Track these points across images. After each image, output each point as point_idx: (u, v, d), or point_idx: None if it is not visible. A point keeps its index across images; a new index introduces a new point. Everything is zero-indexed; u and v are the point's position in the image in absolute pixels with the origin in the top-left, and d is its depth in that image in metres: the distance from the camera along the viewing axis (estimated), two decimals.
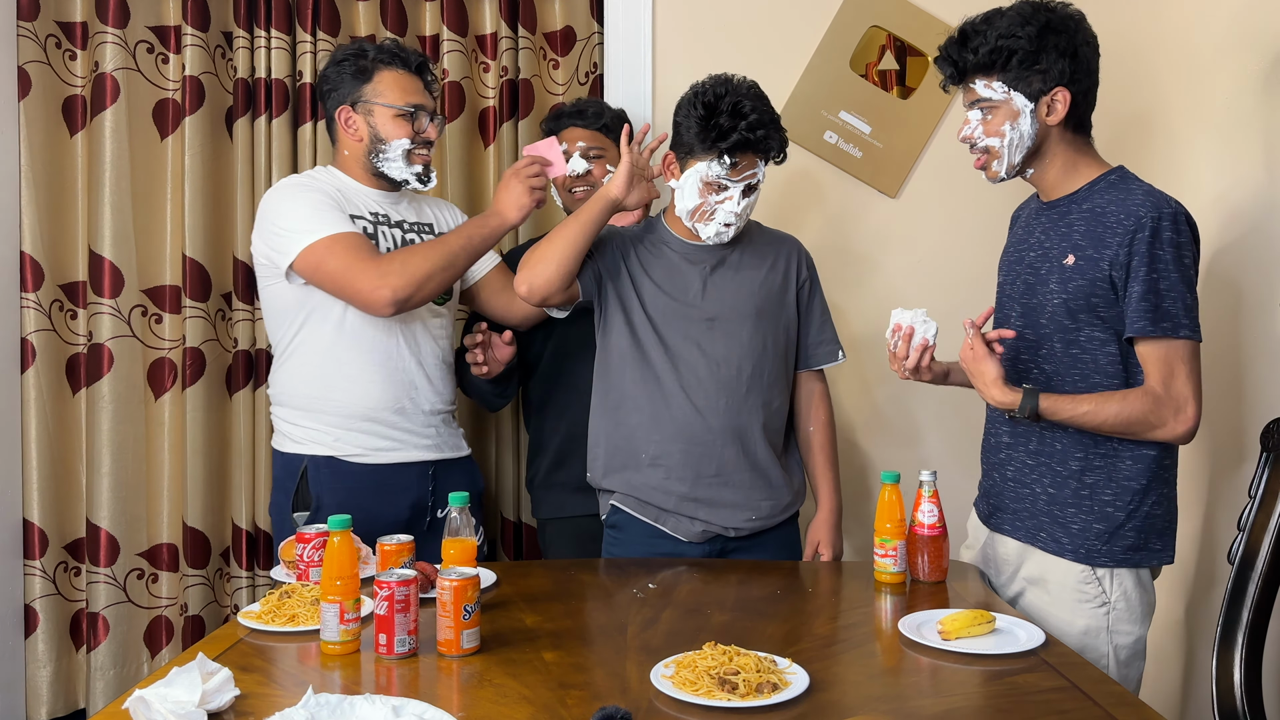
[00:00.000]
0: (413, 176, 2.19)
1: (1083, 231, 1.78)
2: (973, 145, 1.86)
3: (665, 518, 2.11)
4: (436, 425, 2.23)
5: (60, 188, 2.71)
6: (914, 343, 1.88)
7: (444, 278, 2.08)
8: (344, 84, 2.17)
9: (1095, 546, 1.78)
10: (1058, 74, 1.76)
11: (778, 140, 2.06)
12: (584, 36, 2.77)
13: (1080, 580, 1.79)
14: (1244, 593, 1.79)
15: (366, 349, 2.13)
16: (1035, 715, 1.31)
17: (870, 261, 2.76)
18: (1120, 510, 1.77)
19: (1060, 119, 1.78)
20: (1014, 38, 1.75)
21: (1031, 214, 1.94)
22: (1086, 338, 1.78)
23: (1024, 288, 1.88)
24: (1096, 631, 1.78)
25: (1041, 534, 1.83)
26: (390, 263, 2.04)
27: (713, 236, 2.08)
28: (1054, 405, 1.73)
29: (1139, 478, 1.77)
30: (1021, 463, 1.87)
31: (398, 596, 1.48)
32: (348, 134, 2.18)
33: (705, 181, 2.04)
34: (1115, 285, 1.73)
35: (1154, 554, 1.80)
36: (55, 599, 2.70)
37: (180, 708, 1.24)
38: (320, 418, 2.15)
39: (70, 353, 2.72)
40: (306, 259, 2.04)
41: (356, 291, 2.03)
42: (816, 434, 2.21)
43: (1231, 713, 1.73)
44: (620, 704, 1.27)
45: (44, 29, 2.67)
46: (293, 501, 2.15)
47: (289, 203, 2.11)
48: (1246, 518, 1.83)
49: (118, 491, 2.68)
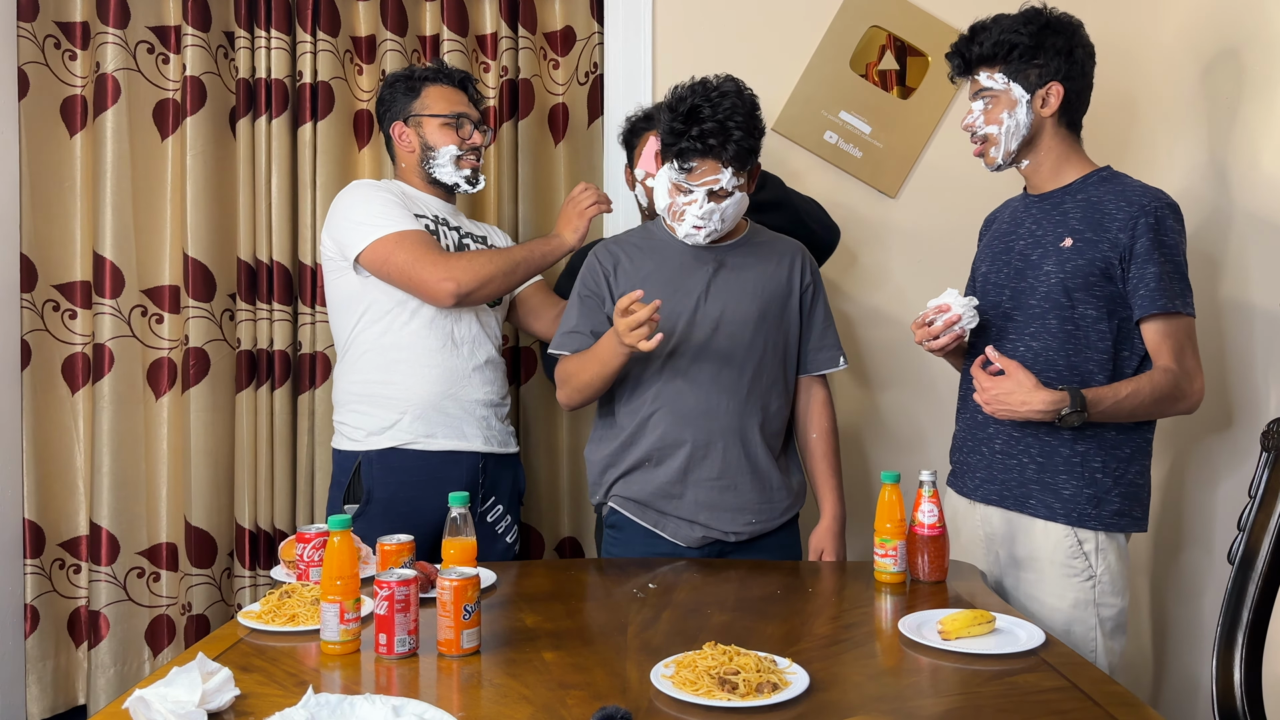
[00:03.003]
0: (462, 180, 2.35)
1: (1080, 218, 1.91)
2: (974, 133, 2.00)
3: (665, 522, 2.11)
4: (488, 418, 2.32)
5: (58, 188, 2.72)
6: (953, 329, 1.96)
7: (505, 282, 2.25)
8: (396, 102, 2.35)
9: (1086, 511, 1.89)
10: (1054, 69, 1.92)
11: (735, 149, 1.97)
12: (584, 36, 2.77)
13: (1068, 555, 1.89)
14: (1244, 593, 1.79)
15: (421, 341, 2.26)
16: (1035, 715, 1.31)
17: (870, 261, 2.76)
18: (1108, 477, 1.89)
19: (1054, 111, 1.93)
20: (1016, 33, 1.92)
21: (1017, 209, 2.07)
22: (1081, 315, 1.90)
23: (1013, 273, 1.99)
24: (1085, 604, 1.89)
25: (1031, 501, 1.93)
26: (458, 260, 2.20)
27: (684, 237, 2.08)
28: (1097, 395, 1.82)
29: (1124, 446, 1.90)
30: (1009, 435, 1.96)
31: (398, 596, 1.48)
32: (401, 146, 2.35)
33: (672, 183, 2.05)
34: (1112, 267, 1.86)
35: (1135, 521, 1.92)
36: (52, 596, 2.71)
37: (180, 708, 1.24)
38: (380, 403, 2.25)
39: (66, 353, 2.72)
40: (376, 250, 2.19)
41: (423, 281, 2.17)
42: (819, 441, 2.20)
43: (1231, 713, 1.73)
44: (620, 704, 1.27)
45: (43, 30, 2.67)
46: (345, 495, 2.25)
47: (361, 200, 2.25)
48: (1246, 518, 1.83)
49: (118, 491, 2.69)
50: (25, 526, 2.67)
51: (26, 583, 2.67)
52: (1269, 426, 1.84)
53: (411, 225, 2.21)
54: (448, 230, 2.32)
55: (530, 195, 2.76)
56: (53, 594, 2.71)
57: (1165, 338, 1.85)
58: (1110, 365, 1.89)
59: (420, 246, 2.18)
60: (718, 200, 2.03)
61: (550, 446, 2.80)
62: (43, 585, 2.70)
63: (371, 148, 2.76)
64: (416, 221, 2.23)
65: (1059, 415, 1.80)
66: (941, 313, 1.95)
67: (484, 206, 2.79)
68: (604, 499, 2.17)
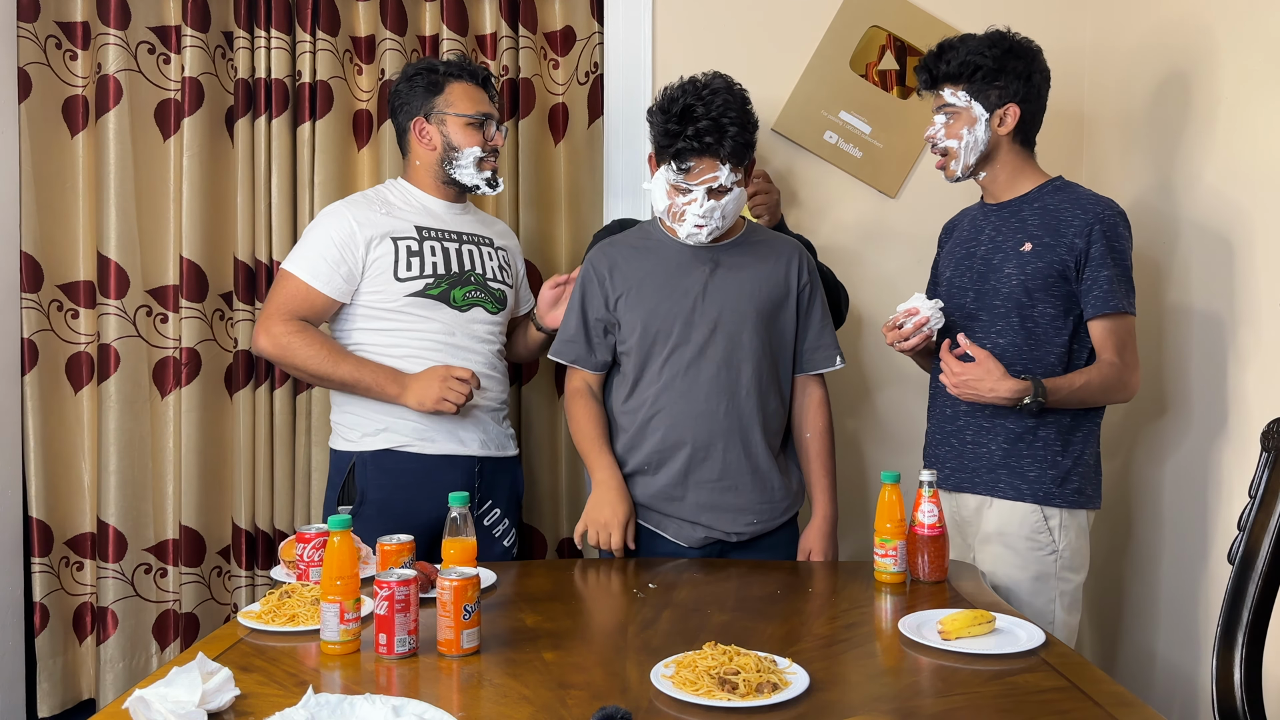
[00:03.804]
0: (483, 182, 2.32)
1: (1037, 224, 2.06)
2: (934, 145, 2.13)
3: (666, 523, 2.11)
4: (485, 421, 2.30)
5: (60, 188, 2.71)
6: (921, 330, 2.08)
7: (309, 379, 2.30)
8: (416, 97, 2.29)
9: (1051, 490, 2.04)
10: (1012, 92, 2.06)
11: (731, 143, 1.99)
12: (584, 36, 2.77)
13: (1034, 529, 2.04)
14: (1244, 593, 1.79)
15: (419, 342, 2.23)
16: (1035, 715, 1.31)
17: (870, 261, 2.76)
18: (1068, 458, 2.05)
19: (1009, 130, 2.07)
20: (981, 55, 2.05)
21: (976, 217, 2.20)
22: (1040, 314, 2.05)
23: (976, 276, 2.13)
24: (1046, 578, 2.04)
25: (1000, 484, 2.08)
26: (290, 333, 2.19)
27: (686, 237, 2.08)
28: (1055, 385, 1.99)
29: (1077, 430, 2.07)
30: (979, 426, 2.11)
31: (398, 596, 1.48)
32: (422, 144, 2.30)
33: (670, 184, 2.05)
34: (1069, 270, 2.02)
35: (1090, 499, 2.08)
36: (59, 594, 2.72)
37: (180, 708, 1.24)
38: (376, 404, 2.22)
39: (70, 352, 2.73)
40: (280, 271, 2.26)
41: (259, 319, 2.24)
42: (814, 441, 2.20)
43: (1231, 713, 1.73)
44: (620, 704, 1.27)
45: (44, 30, 2.67)
46: (339, 495, 2.23)
47: (315, 228, 2.27)
48: (1246, 518, 1.83)
49: (125, 489, 2.70)
50: (34, 525, 2.67)
51: (36, 581, 2.68)
52: (1269, 426, 1.84)
53: (317, 282, 2.19)
54: (435, 243, 2.27)
55: (530, 195, 2.76)
56: (60, 592, 2.72)
57: (1110, 335, 2.02)
58: (1066, 358, 2.06)
59: (288, 298, 2.20)
60: (717, 198, 2.03)
61: (551, 447, 2.80)
62: (51, 583, 2.70)
63: (371, 148, 2.76)
64: (333, 275, 2.19)
65: (1021, 402, 1.97)
66: (910, 316, 2.08)
67: (483, 206, 2.78)
68: None
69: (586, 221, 2.78)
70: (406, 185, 2.34)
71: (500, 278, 2.36)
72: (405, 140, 2.34)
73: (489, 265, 2.34)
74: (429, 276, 2.24)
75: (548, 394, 2.80)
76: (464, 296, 2.27)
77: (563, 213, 2.78)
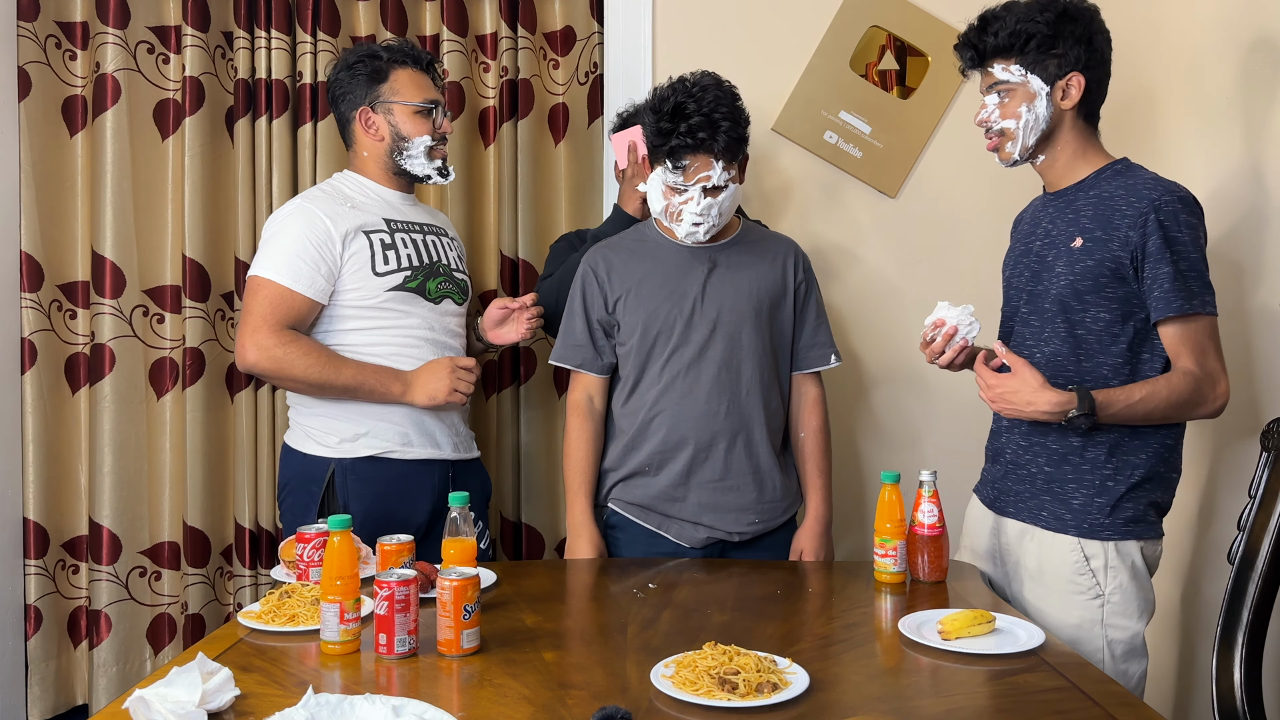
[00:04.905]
0: (434, 172, 2.24)
1: (1090, 215, 1.81)
2: (988, 129, 1.89)
3: (668, 524, 2.11)
4: (455, 424, 2.26)
5: (60, 188, 2.72)
6: (954, 341, 1.88)
7: (308, 391, 2.13)
8: (359, 86, 2.20)
9: (1097, 521, 1.79)
10: (1074, 59, 1.81)
11: (725, 140, 1.99)
12: (584, 36, 2.77)
13: (1074, 571, 1.79)
14: (1244, 593, 1.79)
15: (402, 340, 2.17)
16: (1035, 715, 1.31)
17: (870, 262, 2.76)
18: (1121, 484, 1.79)
19: (1074, 104, 1.83)
20: (1033, 22, 1.80)
21: (1037, 208, 1.98)
22: (1092, 318, 1.80)
23: (1030, 276, 1.91)
24: (1091, 624, 1.78)
25: (1043, 512, 1.85)
26: (282, 344, 2.06)
27: (685, 236, 2.08)
28: (1108, 398, 1.72)
29: (1139, 452, 1.79)
30: (1017, 444, 1.90)
31: (398, 596, 1.48)
32: (368, 135, 2.21)
33: (665, 184, 2.05)
34: (1124, 267, 1.76)
35: (1147, 527, 1.81)
36: (54, 597, 2.72)
37: (180, 708, 1.24)
38: (354, 406, 2.13)
39: (69, 352, 2.73)
40: (250, 281, 2.11)
41: (240, 333, 2.09)
42: (809, 440, 2.20)
43: (1231, 713, 1.73)
44: (620, 704, 1.27)
45: (44, 29, 2.67)
46: (319, 509, 2.14)
47: (279, 230, 2.13)
48: (1246, 518, 1.83)
49: (120, 490, 2.69)
50: (30, 528, 2.67)
51: (30, 583, 2.67)
52: (1269, 426, 1.84)
53: (300, 284, 2.08)
54: (405, 235, 2.20)
55: (530, 196, 2.76)
56: (55, 595, 2.72)
57: (1184, 340, 1.74)
58: (1127, 369, 1.79)
59: (270, 306, 2.06)
60: (713, 195, 2.04)
61: (550, 446, 2.80)
62: (46, 586, 2.70)
63: None
64: (314, 275, 2.09)
65: (1066, 417, 1.73)
66: (939, 328, 1.89)
67: (483, 206, 2.79)
68: (604, 501, 2.17)
69: (586, 222, 2.78)
70: (358, 177, 2.25)
71: (460, 267, 2.32)
72: (349, 131, 2.24)
73: (450, 255, 2.29)
74: (406, 269, 2.17)
75: (546, 393, 2.80)
76: (436, 288, 2.21)
77: (563, 213, 2.78)
